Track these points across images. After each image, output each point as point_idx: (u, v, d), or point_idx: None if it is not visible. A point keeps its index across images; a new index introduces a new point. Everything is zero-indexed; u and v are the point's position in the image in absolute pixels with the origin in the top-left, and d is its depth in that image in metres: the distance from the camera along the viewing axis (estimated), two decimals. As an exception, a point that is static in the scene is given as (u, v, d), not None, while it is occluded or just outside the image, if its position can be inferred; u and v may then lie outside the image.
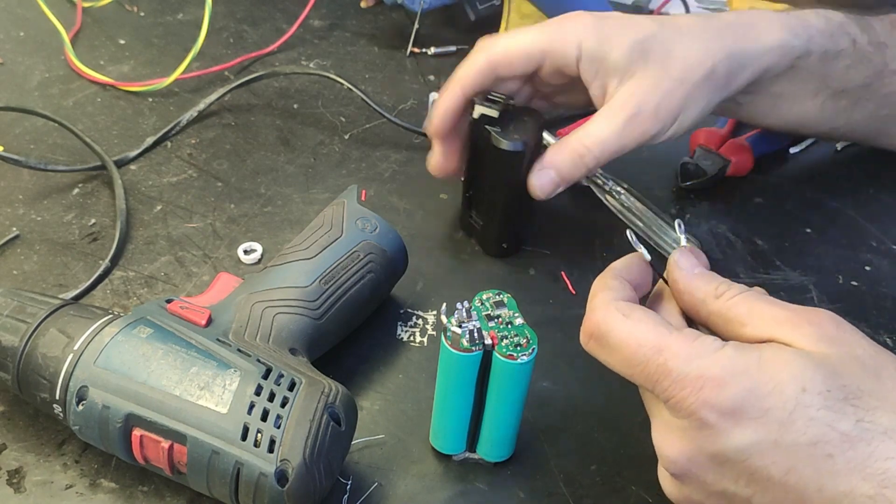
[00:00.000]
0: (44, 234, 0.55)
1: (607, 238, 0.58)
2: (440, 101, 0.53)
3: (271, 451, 0.37)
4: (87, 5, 0.80)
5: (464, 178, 0.57)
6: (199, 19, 0.70)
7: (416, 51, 0.79)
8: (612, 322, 0.37)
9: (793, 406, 0.34)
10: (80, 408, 0.39)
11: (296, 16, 0.77)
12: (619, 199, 0.59)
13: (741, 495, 0.36)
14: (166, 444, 0.38)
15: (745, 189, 0.65)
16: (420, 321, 0.52)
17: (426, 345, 0.51)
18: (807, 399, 0.34)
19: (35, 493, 0.41)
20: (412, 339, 0.51)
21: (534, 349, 0.40)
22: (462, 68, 0.53)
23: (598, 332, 0.38)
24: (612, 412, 0.47)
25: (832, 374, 0.34)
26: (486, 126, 0.52)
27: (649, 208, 0.59)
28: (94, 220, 0.57)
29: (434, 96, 0.67)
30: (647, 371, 0.36)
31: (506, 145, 0.51)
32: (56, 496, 0.41)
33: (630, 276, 0.40)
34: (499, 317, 0.41)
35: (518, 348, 0.40)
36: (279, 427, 0.38)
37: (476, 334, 0.39)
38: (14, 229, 0.55)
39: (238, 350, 0.41)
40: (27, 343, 0.41)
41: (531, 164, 0.52)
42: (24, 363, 0.41)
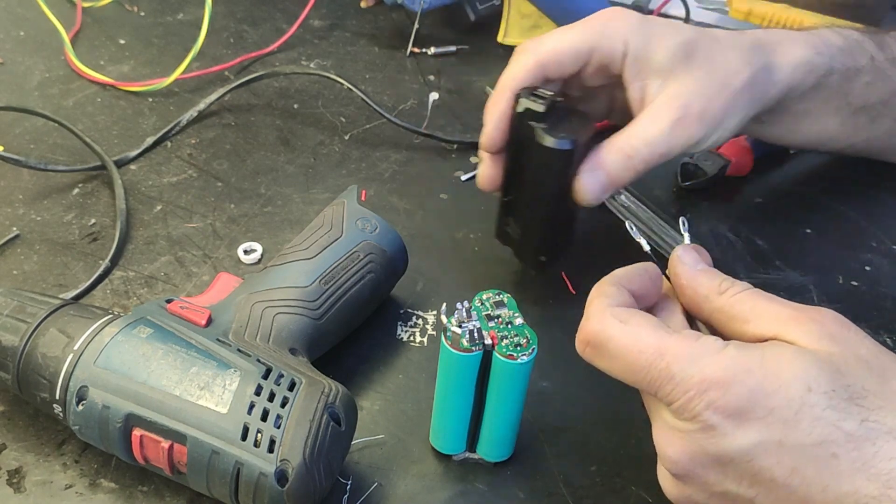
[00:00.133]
0: (44, 234, 0.55)
1: (607, 238, 0.58)
2: (491, 110, 0.49)
3: (271, 451, 0.37)
4: (87, 5, 0.80)
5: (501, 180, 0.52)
6: (199, 19, 0.70)
7: (416, 51, 0.79)
8: (610, 329, 0.37)
9: (798, 405, 0.33)
10: (80, 408, 0.39)
11: (296, 16, 0.77)
12: (619, 199, 0.59)
13: (744, 496, 0.35)
14: (166, 444, 0.38)
15: (745, 189, 0.65)
16: (420, 321, 0.52)
17: (426, 345, 0.50)
18: (812, 399, 0.33)
19: (35, 493, 0.41)
20: (412, 339, 0.51)
21: (534, 349, 0.40)
22: (509, 71, 0.50)
23: (596, 340, 0.37)
24: (612, 412, 0.47)
25: (837, 373, 0.34)
26: (531, 122, 0.47)
27: (649, 208, 0.58)
28: (94, 220, 0.57)
29: (434, 96, 0.67)
30: (649, 376, 0.36)
31: (552, 142, 0.46)
32: (56, 496, 0.41)
33: (631, 286, 0.39)
34: (499, 317, 0.41)
35: (518, 348, 0.39)
36: (279, 427, 0.37)
37: (476, 334, 0.39)
38: (14, 229, 0.55)
39: (238, 350, 0.41)
40: (27, 343, 0.41)
41: (578, 166, 0.48)
42: (24, 363, 0.41)
